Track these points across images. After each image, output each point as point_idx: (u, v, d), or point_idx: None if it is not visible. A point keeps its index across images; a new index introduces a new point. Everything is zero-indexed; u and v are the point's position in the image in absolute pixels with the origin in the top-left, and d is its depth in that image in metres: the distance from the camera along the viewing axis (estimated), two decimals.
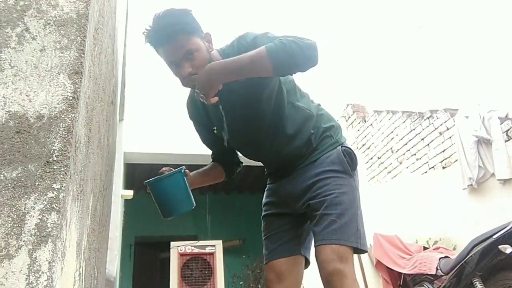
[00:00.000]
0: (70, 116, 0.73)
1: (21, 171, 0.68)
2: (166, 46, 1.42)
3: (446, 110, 4.11)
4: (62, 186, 0.68)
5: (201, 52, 1.42)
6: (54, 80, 0.76)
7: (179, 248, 5.22)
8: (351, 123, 5.78)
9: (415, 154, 4.51)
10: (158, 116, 5.18)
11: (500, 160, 3.34)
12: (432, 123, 4.25)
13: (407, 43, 5.61)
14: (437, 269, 3.25)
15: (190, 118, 1.77)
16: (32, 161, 0.69)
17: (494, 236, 2.67)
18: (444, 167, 4.07)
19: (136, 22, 3.23)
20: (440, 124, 4.13)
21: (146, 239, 8.03)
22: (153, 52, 1.49)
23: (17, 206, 0.65)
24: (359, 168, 1.62)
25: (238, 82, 1.42)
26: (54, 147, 0.70)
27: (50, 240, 0.64)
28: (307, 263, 1.66)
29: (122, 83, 3.08)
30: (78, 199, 0.81)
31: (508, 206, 3.29)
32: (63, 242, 0.68)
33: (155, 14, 1.42)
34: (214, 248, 5.29)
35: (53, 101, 0.74)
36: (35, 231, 0.64)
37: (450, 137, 3.98)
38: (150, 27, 1.42)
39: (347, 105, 5.86)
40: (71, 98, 0.75)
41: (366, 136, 5.46)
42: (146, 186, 1.52)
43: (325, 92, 4.41)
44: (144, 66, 4.40)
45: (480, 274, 2.78)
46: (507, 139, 3.37)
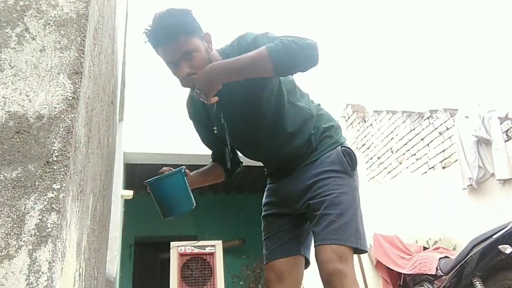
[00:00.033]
0: (70, 116, 0.73)
1: (21, 171, 0.68)
2: (165, 46, 1.42)
3: (446, 110, 4.11)
4: (62, 186, 0.68)
5: (199, 52, 1.42)
6: (54, 80, 0.76)
7: (179, 248, 5.22)
8: (351, 123, 5.78)
9: (415, 154, 4.51)
10: (158, 116, 5.18)
11: (500, 160, 3.34)
12: (432, 123, 4.25)
13: (407, 43, 5.61)
14: (437, 269, 3.25)
15: (190, 118, 1.77)
16: (32, 161, 0.69)
17: (494, 236, 2.67)
18: (444, 167, 4.07)
19: (136, 22, 3.23)
20: (440, 124, 4.13)
21: (146, 239, 8.03)
22: (153, 52, 1.49)
23: (17, 206, 0.65)
24: (359, 168, 1.62)
25: (238, 82, 1.42)
26: (54, 147, 0.70)
27: (50, 240, 0.64)
28: (307, 263, 1.66)
29: (122, 83, 3.08)
30: (78, 199, 0.81)
31: (508, 206, 3.29)
32: (63, 242, 0.68)
33: (155, 14, 1.42)
34: (214, 248, 5.28)
35: (53, 101, 0.74)
36: (35, 231, 0.64)
37: (450, 137, 3.98)
38: (150, 27, 1.42)
39: (347, 105, 5.86)
40: (71, 98, 0.75)
41: (366, 136, 5.46)
42: (146, 186, 1.52)
43: (325, 92, 4.41)
44: (144, 66, 4.40)
45: (480, 274, 2.78)
46: (507, 139, 3.37)
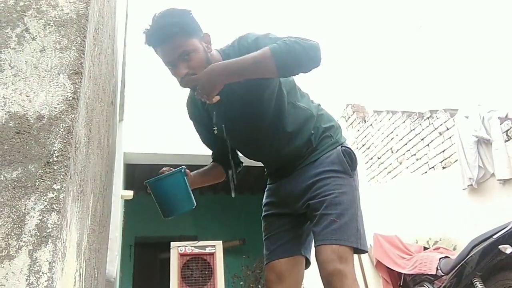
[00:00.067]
0: (70, 116, 0.73)
1: (21, 172, 0.68)
2: (163, 46, 1.42)
3: (446, 110, 4.11)
4: (62, 187, 0.68)
5: (197, 53, 1.42)
6: (54, 81, 0.76)
7: (179, 248, 5.22)
8: (351, 123, 5.78)
9: (415, 154, 4.51)
10: (158, 116, 5.18)
11: (500, 160, 3.34)
12: (432, 123, 4.25)
13: (407, 43, 5.61)
14: (437, 269, 3.25)
15: (190, 118, 1.76)
16: (32, 161, 0.69)
17: (494, 236, 2.67)
18: (444, 167, 4.07)
19: (136, 22, 3.23)
20: (440, 124, 4.13)
21: (146, 240, 8.03)
22: (152, 52, 1.49)
23: (17, 206, 0.65)
24: (359, 168, 1.62)
25: (239, 82, 1.42)
26: (54, 148, 0.70)
27: (50, 240, 0.64)
28: (308, 264, 1.66)
29: (122, 83, 3.08)
30: (78, 199, 0.81)
31: (508, 206, 3.29)
32: (63, 242, 0.68)
33: (155, 14, 1.42)
34: (214, 248, 5.28)
35: (53, 101, 0.74)
36: (35, 231, 0.64)
37: (450, 137, 3.98)
38: (149, 27, 1.42)
39: (347, 105, 5.86)
40: (71, 98, 0.75)
41: (366, 136, 5.45)
42: (146, 186, 1.52)
43: (325, 92, 4.41)
44: (144, 66, 4.40)
45: (480, 274, 2.78)
46: (507, 139, 3.37)
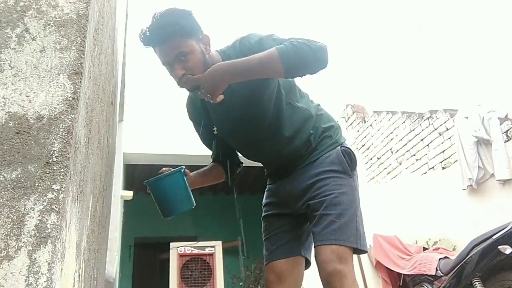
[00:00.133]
0: (70, 116, 0.73)
1: (20, 172, 0.67)
2: (161, 46, 1.42)
3: (445, 110, 4.11)
4: (62, 187, 0.68)
5: (194, 54, 1.41)
6: (54, 81, 0.76)
7: (178, 249, 5.21)
8: (350, 124, 5.78)
9: (414, 155, 4.51)
10: (158, 116, 5.18)
11: (500, 160, 3.35)
12: (432, 123, 4.25)
13: (407, 43, 5.61)
14: (436, 269, 3.25)
15: (189, 119, 1.76)
16: (32, 162, 0.68)
17: (494, 237, 2.67)
18: (443, 168, 4.07)
19: (136, 23, 3.23)
20: (440, 125, 4.13)
21: (146, 240, 8.02)
22: (152, 52, 1.49)
23: (16, 207, 0.65)
24: (358, 169, 1.62)
25: (239, 83, 1.41)
26: (53, 148, 0.70)
27: (49, 241, 0.63)
28: (308, 264, 1.66)
29: (122, 84, 3.08)
30: (77, 200, 0.81)
31: (507, 207, 3.29)
32: (62, 243, 0.68)
33: (155, 13, 1.42)
34: (213, 249, 5.28)
35: (53, 101, 0.74)
36: (35, 232, 0.64)
37: (449, 137, 3.98)
38: (149, 26, 1.42)
39: (346, 105, 5.86)
40: (71, 98, 0.75)
41: (365, 136, 5.46)
42: (146, 186, 1.52)
43: (324, 93, 4.41)
44: (144, 67, 4.40)
45: (479, 274, 2.78)
46: (506, 139, 3.37)
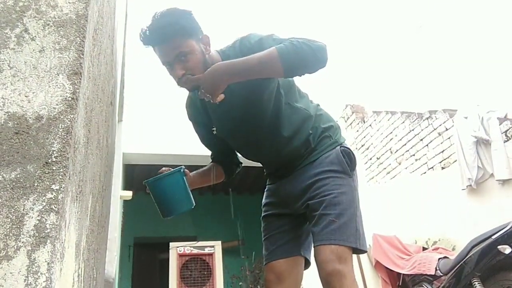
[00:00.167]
0: (69, 117, 0.73)
1: (20, 172, 0.67)
2: (161, 46, 1.42)
3: (445, 110, 4.12)
4: (61, 187, 0.67)
5: (194, 54, 1.42)
6: (53, 81, 0.76)
7: (178, 248, 5.21)
8: (350, 124, 5.78)
9: (414, 155, 4.51)
10: (157, 116, 5.18)
11: (499, 160, 3.35)
12: (431, 123, 4.25)
13: (407, 43, 5.61)
14: (436, 269, 3.25)
15: (189, 119, 1.76)
16: (31, 162, 0.68)
17: (493, 237, 2.68)
18: (443, 168, 4.07)
19: (135, 23, 3.23)
20: (439, 125, 4.13)
21: (145, 240, 8.02)
22: (152, 52, 1.49)
23: (16, 207, 0.65)
24: (358, 169, 1.62)
25: (239, 83, 1.41)
26: (53, 148, 0.70)
27: (49, 241, 0.63)
28: (308, 264, 1.66)
29: (121, 84, 3.08)
30: (77, 200, 0.81)
31: (507, 207, 3.30)
32: (62, 243, 0.68)
33: (155, 13, 1.42)
34: (213, 248, 5.28)
35: (52, 102, 0.74)
36: (34, 232, 0.64)
37: (449, 137, 3.98)
38: (149, 25, 1.42)
39: (346, 105, 5.86)
40: (70, 99, 0.75)
41: (365, 136, 5.46)
42: (145, 186, 1.52)
43: (324, 93, 4.41)
44: (143, 67, 4.40)
45: (479, 274, 2.78)
46: (506, 139, 3.37)
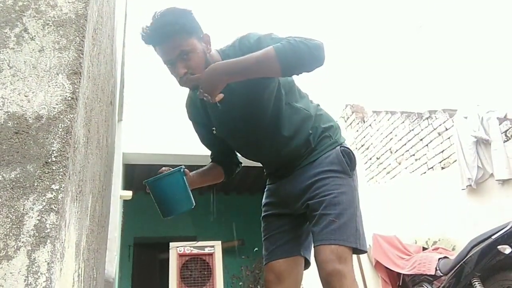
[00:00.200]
0: (69, 116, 0.73)
1: (19, 172, 0.67)
2: (163, 45, 1.42)
3: (445, 110, 4.12)
4: (61, 187, 0.67)
5: (196, 53, 1.42)
6: (53, 81, 0.75)
7: (178, 248, 5.21)
8: (350, 124, 5.78)
9: (414, 155, 4.51)
10: (157, 116, 5.17)
11: (499, 160, 3.35)
12: (431, 123, 4.25)
13: (407, 43, 5.61)
14: (436, 269, 3.25)
15: (189, 119, 1.76)
16: (31, 161, 0.68)
17: (493, 237, 2.68)
18: (443, 168, 4.07)
19: (135, 22, 3.23)
20: (439, 125, 4.13)
21: (145, 240, 8.02)
22: (152, 52, 1.49)
23: (15, 207, 0.65)
24: (358, 169, 1.62)
25: (239, 82, 1.42)
26: (52, 148, 0.70)
27: (49, 241, 0.63)
28: (307, 264, 1.66)
29: (121, 84, 3.08)
30: (77, 200, 0.81)
31: (507, 207, 3.29)
32: (62, 243, 0.68)
33: (155, 12, 1.42)
34: (213, 248, 5.28)
35: (51, 101, 0.74)
36: (34, 232, 0.64)
37: (449, 137, 3.98)
38: (149, 25, 1.42)
39: (346, 105, 5.86)
40: (70, 98, 0.75)
41: (365, 136, 5.46)
42: (145, 186, 1.52)
43: (324, 93, 4.41)
44: (143, 66, 4.40)
45: (479, 274, 2.78)
46: (505, 139, 3.37)
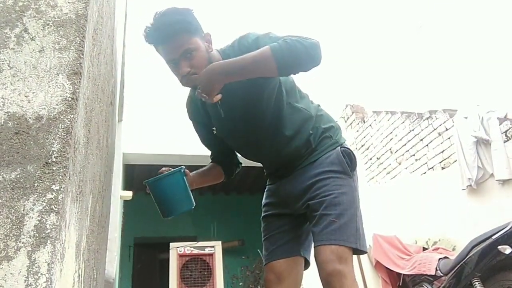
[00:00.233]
0: (69, 117, 0.73)
1: (20, 172, 0.67)
2: (166, 44, 1.42)
3: (445, 110, 4.11)
4: (61, 187, 0.67)
5: (200, 51, 1.42)
6: (53, 81, 0.75)
7: (178, 249, 5.21)
8: (350, 124, 5.78)
9: (414, 155, 4.51)
10: (157, 116, 5.17)
11: (499, 160, 3.35)
12: (431, 123, 4.25)
13: (407, 43, 5.61)
14: (436, 269, 3.25)
15: (189, 119, 1.76)
16: (31, 162, 0.68)
17: (494, 237, 2.67)
18: (443, 168, 4.07)
19: (135, 22, 3.23)
20: (439, 125, 4.13)
21: (146, 240, 8.02)
22: (152, 52, 1.49)
23: (16, 207, 0.65)
24: (358, 169, 1.62)
25: (239, 82, 1.42)
26: (53, 148, 0.70)
27: (49, 241, 0.63)
28: (307, 264, 1.66)
29: (121, 84, 3.08)
30: (77, 200, 0.81)
31: (507, 207, 3.29)
32: (62, 243, 0.68)
33: (156, 12, 1.42)
34: (213, 249, 5.28)
35: (52, 102, 0.74)
36: (34, 232, 0.64)
37: (449, 137, 3.98)
38: (151, 25, 1.42)
39: (346, 105, 5.86)
40: (70, 99, 0.75)
41: (365, 136, 5.46)
42: (145, 186, 1.52)
43: (324, 93, 4.41)
44: (143, 67, 4.40)
45: (479, 274, 2.78)
46: (506, 139, 3.37)
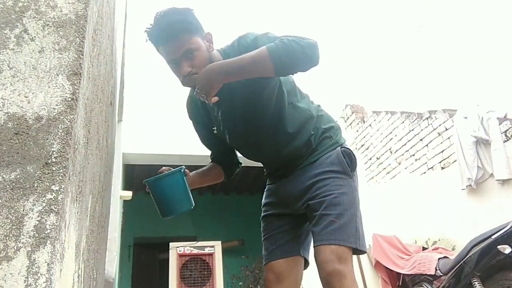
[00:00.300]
0: (69, 117, 0.73)
1: (19, 173, 0.67)
2: (167, 44, 1.42)
3: (445, 110, 4.11)
4: (61, 188, 0.67)
5: (201, 51, 1.42)
6: (53, 81, 0.76)
7: (178, 249, 5.21)
8: (350, 124, 5.78)
9: (414, 155, 4.51)
10: (157, 117, 5.18)
11: (499, 160, 3.35)
12: (431, 123, 4.25)
13: (407, 43, 5.61)
14: (436, 269, 3.25)
15: (189, 118, 1.77)
16: (31, 162, 0.68)
17: (493, 237, 2.68)
18: (443, 168, 4.07)
19: (135, 23, 3.23)
20: (439, 125, 4.13)
21: (145, 240, 8.03)
22: (152, 53, 1.49)
23: (15, 207, 0.65)
24: (358, 169, 1.62)
25: (238, 82, 1.42)
26: (52, 149, 0.70)
27: (48, 241, 0.63)
28: (307, 264, 1.66)
29: (121, 84, 3.08)
30: (77, 200, 0.81)
31: (506, 207, 3.30)
32: (61, 243, 0.68)
33: (157, 13, 1.42)
34: (213, 248, 5.28)
35: (51, 102, 0.74)
36: (34, 232, 0.64)
37: (449, 137, 3.98)
38: (151, 25, 1.42)
39: (346, 105, 5.86)
40: (69, 99, 0.75)
41: (365, 136, 5.46)
42: (145, 185, 1.52)
43: (324, 93, 4.41)
44: (143, 67, 4.40)
45: (479, 274, 2.79)
46: (505, 139, 3.37)
